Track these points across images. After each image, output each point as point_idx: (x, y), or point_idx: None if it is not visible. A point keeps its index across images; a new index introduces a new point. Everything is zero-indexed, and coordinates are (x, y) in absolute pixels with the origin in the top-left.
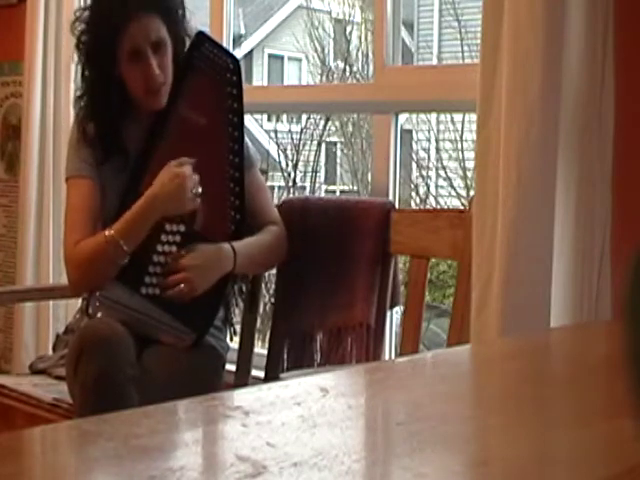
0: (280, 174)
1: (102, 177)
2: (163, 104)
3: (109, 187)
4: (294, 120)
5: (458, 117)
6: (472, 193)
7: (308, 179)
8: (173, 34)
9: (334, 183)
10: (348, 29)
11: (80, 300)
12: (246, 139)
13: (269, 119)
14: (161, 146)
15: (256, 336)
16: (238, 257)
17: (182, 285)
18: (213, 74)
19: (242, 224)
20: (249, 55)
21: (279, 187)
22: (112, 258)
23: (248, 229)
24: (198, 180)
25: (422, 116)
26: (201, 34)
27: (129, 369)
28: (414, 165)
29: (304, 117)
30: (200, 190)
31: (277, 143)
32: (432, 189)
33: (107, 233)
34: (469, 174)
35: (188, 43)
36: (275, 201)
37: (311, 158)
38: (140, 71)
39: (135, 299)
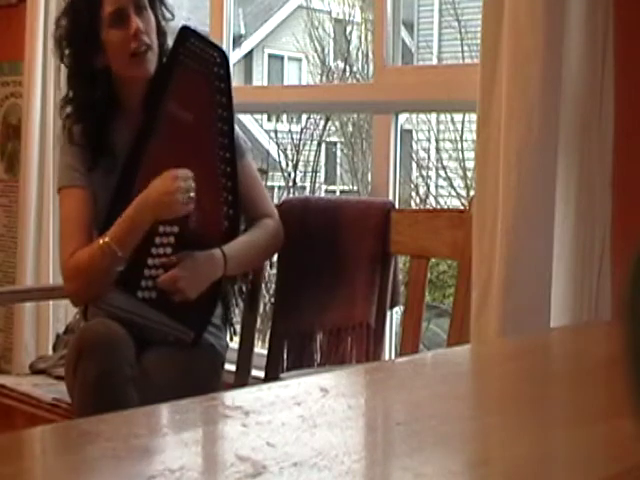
0: (280, 174)
1: (93, 181)
2: (150, 72)
3: (100, 189)
4: (294, 120)
5: (458, 117)
6: (472, 193)
7: (308, 179)
8: (153, 6)
9: (334, 183)
10: (348, 29)
11: None
12: (236, 128)
13: (269, 119)
14: (150, 145)
15: (256, 336)
16: (229, 262)
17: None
18: (200, 69)
19: (236, 220)
20: (249, 55)
21: (279, 187)
22: (108, 265)
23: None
24: (193, 185)
25: (422, 116)
26: (186, 29)
27: (128, 369)
28: (414, 165)
29: (304, 117)
30: (193, 195)
31: (277, 143)
32: (432, 189)
33: (101, 241)
34: (469, 174)
35: (170, 19)
36: (275, 201)
37: (311, 158)
38: (124, 33)
39: (132, 303)
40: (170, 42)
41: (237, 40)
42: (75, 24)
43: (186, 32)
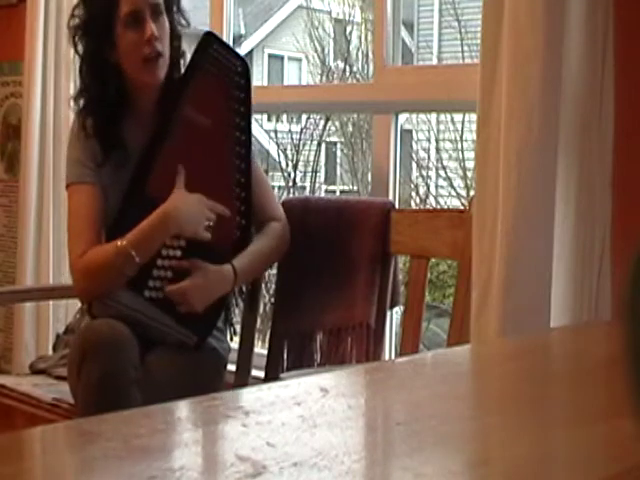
0: (280, 174)
1: (103, 177)
2: (160, 79)
3: (110, 184)
4: (294, 120)
5: (458, 117)
6: (472, 193)
7: (308, 179)
8: (169, 11)
9: (334, 183)
10: (348, 29)
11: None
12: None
13: (269, 119)
14: (165, 147)
15: (256, 336)
16: (238, 277)
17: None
18: (221, 76)
19: (247, 229)
20: (249, 55)
21: (279, 187)
22: (122, 268)
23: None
24: (214, 218)
25: (422, 116)
26: (209, 35)
27: (132, 371)
28: (414, 165)
29: (304, 117)
30: (212, 223)
31: (277, 143)
32: (432, 189)
33: (119, 243)
34: (469, 174)
35: (184, 28)
36: None
37: (311, 158)
38: (138, 37)
39: (139, 302)
40: (186, 47)
41: (237, 40)
42: (90, 17)
43: (209, 38)
